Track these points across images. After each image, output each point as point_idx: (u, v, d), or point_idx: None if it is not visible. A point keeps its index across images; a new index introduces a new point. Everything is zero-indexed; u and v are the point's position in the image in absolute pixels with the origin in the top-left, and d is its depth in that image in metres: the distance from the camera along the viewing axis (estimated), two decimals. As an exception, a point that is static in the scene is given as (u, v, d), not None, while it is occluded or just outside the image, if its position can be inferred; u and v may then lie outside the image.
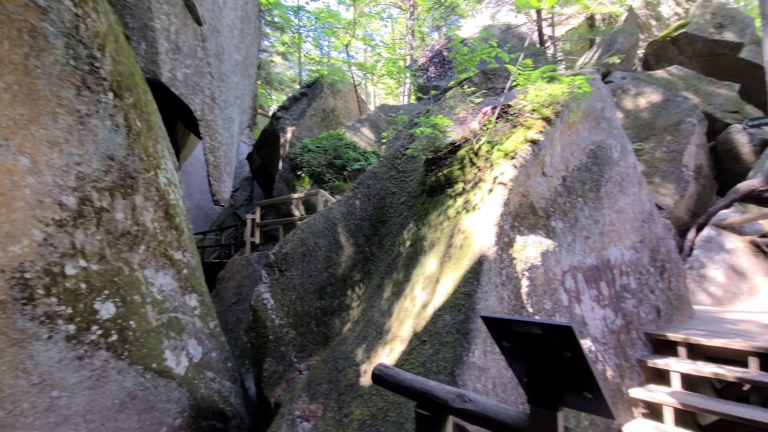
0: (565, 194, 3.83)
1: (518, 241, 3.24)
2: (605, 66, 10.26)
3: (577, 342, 1.48)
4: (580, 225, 3.78)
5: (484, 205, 3.37)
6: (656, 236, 4.68)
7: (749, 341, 3.49)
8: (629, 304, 3.94)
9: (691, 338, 3.70)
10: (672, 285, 4.61)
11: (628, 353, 3.69)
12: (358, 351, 3.71)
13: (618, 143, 4.64)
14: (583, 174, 4.11)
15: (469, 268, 3.02)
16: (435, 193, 4.33)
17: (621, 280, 4.00)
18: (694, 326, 4.25)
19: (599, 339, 3.46)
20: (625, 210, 4.36)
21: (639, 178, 4.75)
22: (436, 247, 3.70)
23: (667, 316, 4.35)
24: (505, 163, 3.54)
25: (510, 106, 4.05)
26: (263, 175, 11.55)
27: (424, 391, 2.12)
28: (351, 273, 4.99)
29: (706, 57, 10.67)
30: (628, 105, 9.39)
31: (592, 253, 3.80)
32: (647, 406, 3.41)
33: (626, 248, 4.23)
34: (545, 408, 1.61)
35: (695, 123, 8.25)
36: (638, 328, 3.92)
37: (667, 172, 7.69)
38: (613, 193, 4.28)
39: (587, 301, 3.54)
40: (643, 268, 4.32)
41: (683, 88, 9.80)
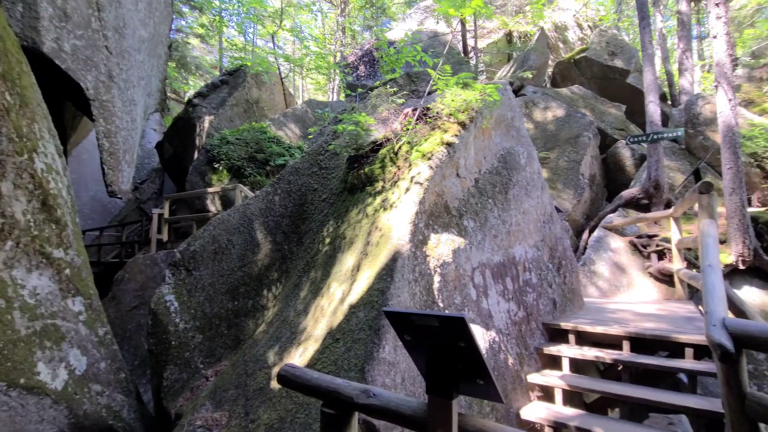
0: (477, 195, 4.05)
1: (432, 239, 3.35)
2: (519, 80, 11.17)
3: (470, 332, 1.55)
4: (489, 224, 4.02)
5: (400, 204, 3.43)
6: (555, 236, 5.17)
7: (623, 327, 4.01)
8: (530, 298, 4.30)
9: (579, 326, 4.15)
10: (567, 280, 5.13)
11: (528, 342, 4.02)
12: (270, 353, 3.55)
13: (525, 150, 5.04)
14: (493, 177, 4.39)
15: (384, 265, 3.05)
16: (356, 191, 4.31)
17: (524, 275, 4.35)
18: (583, 316, 4.77)
19: (503, 330, 3.71)
20: (529, 212, 4.75)
21: (542, 183, 5.21)
22: (354, 245, 3.69)
23: (562, 307, 4.83)
24: (422, 163, 3.63)
25: (429, 108, 4.18)
26: (175, 167, 10.60)
27: (331, 389, 2.08)
28: (268, 272, 4.77)
29: (601, 80, 12.15)
30: (537, 117, 10.31)
31: (500, 251, 4.07)
32: (542, 390, 3.74)
33: (529, 246, 4.61)
34: (441, 396, 1.67)
35: (591, 137, 9.33)
36: (537, 319, 4.29)
37: (568, 179, 8.59)
38: (519, 196, 4.64)
39: (494, 295, 3.78)
40: (543, 265, 4.75)
41: (582, 106, 11.03)
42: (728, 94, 6.31)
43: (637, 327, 4.05)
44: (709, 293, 2.83)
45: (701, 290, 2.87)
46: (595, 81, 12.21)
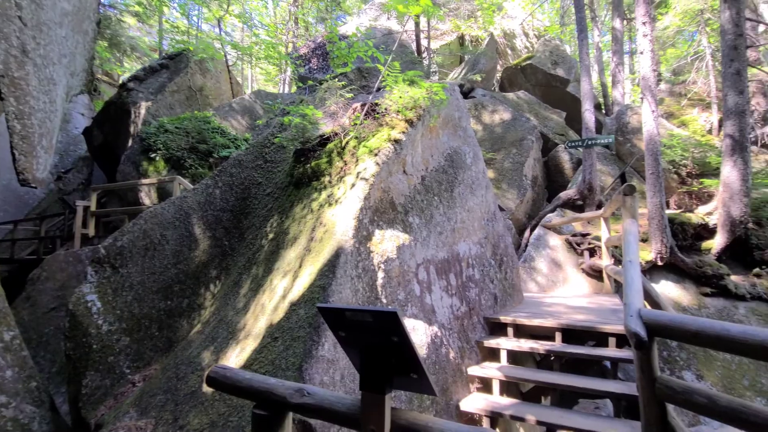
0: (423, 192, 4.10)
1: (377, 235, 3.33)
2: (470, 82, 11.51)
3: (402, 327, 1.54)
4: (435, 221, 4.08)
5: (346, 199, 3.38)
6: (498, 233, 5.37)
7: (557, 320, 4.25)
8: (473, 293, 4.43)
9: (518, 320, 4.34)
10: (508, 276, 5.36)
11: (470, 336, 4.14)
12: (205, 354, 3.35)
13: (471, 150, 5.19)
14: (440, 175, 4.46)
15: (327, 261, 2.98)
16: (302, 186, 4.20)
17: (467, 271, 4.47)
18: (522, 309, 5.01)
19: (446, 325, 3.79)
20: (474, 209, 4.89)
21: (487, 182, 5.39)
22: (298, 241, 3.58)
23: (503, 301, 5.04)
24: (369, 159, 3.60)
25: (378, 104, 4.16)
26: (105, 155, 9.73)
27: (263, 389, 1.99)
28: (206, 269, 4.51)
29: (545, 87, 12.85)
30: (486, 119, 10.68)
31: (444, 248, 4.15)
32: (481, 381, 3.87)
33: (473, 243, 4.74)
34: (374, 391, 1.65)
35: (534, 140, 9.83)
36: (479, 314, 4.44)
37: (512, 180, 8.99)
38: (464, 194, 4.76)
39: (437, 290, 3.84)
40: (486, 261, 4.91)
41: (527, 111, 11.60)
42: (652, 106, 6.91)
43: (568, 319, 4.31)
44: (628, 286, 3.06)
45: (624, 285, 3.09)
46: (539, 88, 12.90)
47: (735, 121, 6.78)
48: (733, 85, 6.85)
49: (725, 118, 7.00)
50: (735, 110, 6.78)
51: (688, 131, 9.23)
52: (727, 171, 6.79)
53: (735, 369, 5.79)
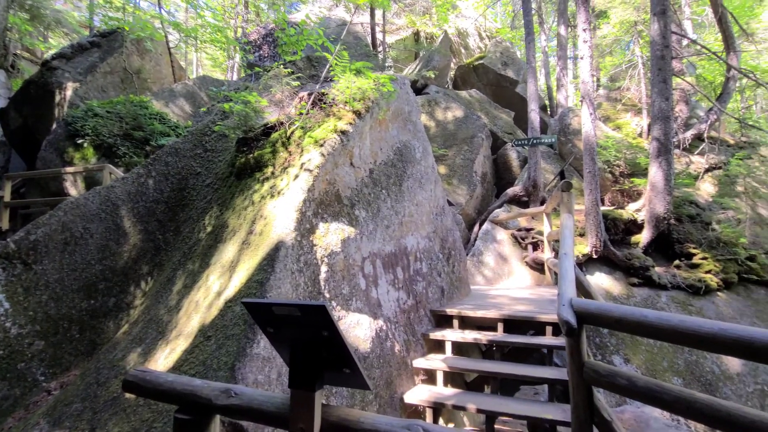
0: (371, 185, 4.05)
1: (320, 228, 3.24)
2: (424, 78, 11.63)
3: (332, 321, 1.47)
4: (382, 215, 4.05)
5: (288, 191, 3.24)
6: (446, 227, 5.46)
7: (499, 311, 4.39)
8: (420, 286, 4.46)
9: (463, 312, 4.43)
10: (455, 269, 5.47)
11: (416, 329, 4.16)
12: (131, 356, 3.09)
13: (421, 145, 5.21)
14: (389, 168, 4.44)
15: (266, 255, 2.84)
16: (243, 176, 3.99)
17: (415, 265, 4.49)
18: (468, 302, 5.13)
19: (391, 318, 3.78)
20: (422, 204, 4.92)
21: (435, 176, 5.45)
22: (237, 234, 3.40)
23: (450, 294, 5.13)
24: (314, 150, 3.49)
25: (325, 94, 4.04)
26: (25, 140, 8.74)
27: (187, 392, 1.85)
28: (137, 265, 4.18)
29: (495, 86, 13.29)
30: (439, 116, 10.85)
31: (392, 241, 4.13)
32: (426, 373, 3.91)
33: (421, 237, 4.78)
34: (303, 389, 1.57)
35: (484, 138, 10.13)
36: (426, 306, 4.48)
37: (462, 176, 9.21)
38: (413, 188, 4.77)
39: (384, 284, 3.82)
40: (434, 255, 4.97)
41: (478, 109, 11.92)
42: (590, 109, 7.34)
43: (510, 310, 4.47)
44: (562, 277, 3.21)
45: (558, 276, 3.23)
46: (490, 87, 13.31)
47: (661, 126, 7.37)
48: (660, 92, 7.44)
49: (653, 122, 7.60)
50: (661, 115, 7.37)
51: (621, 134, 9.94)
52: (654, 171, 7.38)
53: (656, 352, 6.33)
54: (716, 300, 7.23)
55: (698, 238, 7.82)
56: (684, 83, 9.39)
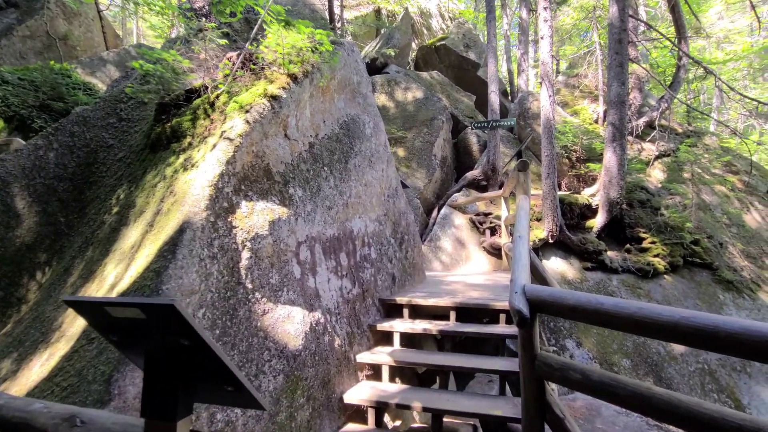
0: (311, 161, 3.60)
1: (243, 207, 2.77)
2: (384, 57, 11.14)
3: (189, 324, 1.05)
4: (323, 194, 3.62)
5: (203, 163, 2.74)
6: (399, 211, 5.11)
7: (452, 299, 4.12)
8: (368, 274, 4.10)
9: (414, 300, 4.12)
10: (408, 255, 5.15)
11: (362, 320, 3.81)
12: (4, 364, 2.52)
13: (372, 120, 4.79)
14: (333, 144, 3.99)
15: (168, 239, 2.35)
16: (159, 149, 3.42)
17: (362, 250, 4.12)
18: (421, 289, 4.84)
19: (332, 310, 3.39)
20: (372, 184, 4.53)
21: (388, 156, 5.07)
22: (144, 215, 2.86)
23: (402, 282, 4.82)
24: (237, 117, 2.99)
25: (255, 54, 3.51)
26: None
27: (19, 419, 1.38)
28: (32, 253, 3.53)
29: (457, 69, 13.01)
30: (399, 96, 10.43)
31: (335, 224, 3.72)
32: (372, 368, 3.58)
33: (371, 220, 4.40)
34: (159, 419, 1.15)
35: (444, 121, 9.84)
36: (374, 295, 4.13)
37: (421, 159, 8.90)
38: (362, 167, 4.36)
39: (324, 272, 3.42)
40: (384, 240, 4.62)
41: (439, 91, 11.61)
42: (549, 90, 7.18)
43: (464, 297, 4.21)
44: (516, 262, 2.94)
45: (513, 259, 2.96)
46: (451, 69, 13.02)
47: (617, 111, 7.35)
48: (616, 77, 7.40)
49: (608, 107, 7.58)
50: (617, 100, 7.35)
51: (579, 120, 9.97)
52: (609, 156, 7.38)
53: (607, 335, 6.37)
54: (663, 282, 7.42)
55: (648, 223, 7.98)
56: (639, 69, 9.50)
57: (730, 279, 7.48)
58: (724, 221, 8.81)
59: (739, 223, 8.86)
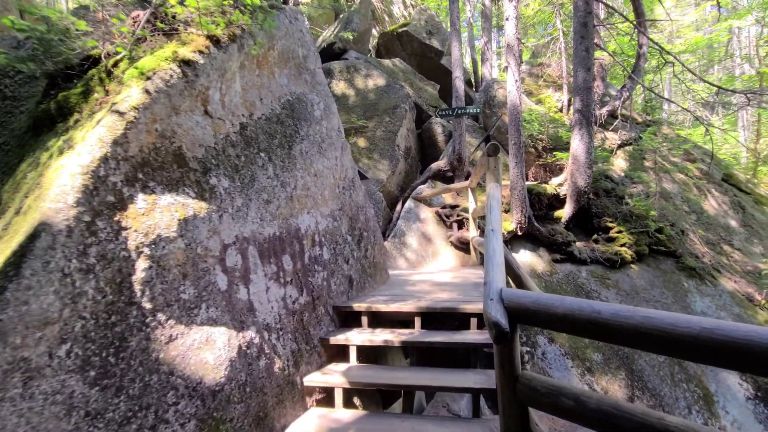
0: (242, 146, 2.96)
1: (139, 202, 2.11)
2: (343, 41, 10.48)
3: None
4: (259, 185, 3.00)
5: (81, 145, 2.05)
6: (357, 205, 4.55)
7: (417, 302, 3.63)
8: (319, 278, 3.52)
9: (374, 306, 3.59)
10: (368, 253, 4.61)
11: (312, 333, 3.23)
12: None
13: (322, 101, 4.18)
14: (273, 126, 3.36)
15: (18, 248, 1.67)
16: (43, 130, 2.67)
17: (313, 251, 3.53)
18: (383, 292, 4.32)
19: (272, 325, 2.79)
20: (324, 174, 3.94)
21: (343, 143, 4.48)
22: (6, 215, 2.14)
23: (361, 284, 4.27)
24: (135, 85, 2.31)
25: (164, 11, 2.81)
26: None
27: None
28: None
29: (420, 57, 12.55)
30: (359, 84, 9.82)
31: (275, 221, 3.11)
32: (323, 391, 3.02)
33: (323, 216, 3.81)
34: None
35: (407, 109, 9.34)
36: (327, 303, 3.56)
37: (384, 149, 8.37)
38: (310, 154, 3.76)
39: (261, 280, 2.80)
40: (340, 238, 4.05)
41: (402, 79, 11.10)
42: (516, 74, 6.83)
43: (430, 300, 3.73)
44: (489, 260, 2.47)
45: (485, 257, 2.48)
46: (414, 58, 12.54)
47: (583, 97, 7.12)
48: (582, 62, 7.16)
49: (575, 93, 7.35)
50: (583, 86, 7.12)
51: (544, 108, 9.78)
52: (576, 144, 7.15)
53: (579, 330, 6.11)
54: (630, 272, 7.32)
55: (614, 212, 7.87)
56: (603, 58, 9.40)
57: (693, 266, 7.48)
58: (684, 209, 8.89)
59: (698, 210, 8.98)
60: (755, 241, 8.91)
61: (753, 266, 8.23)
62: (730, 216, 9.18)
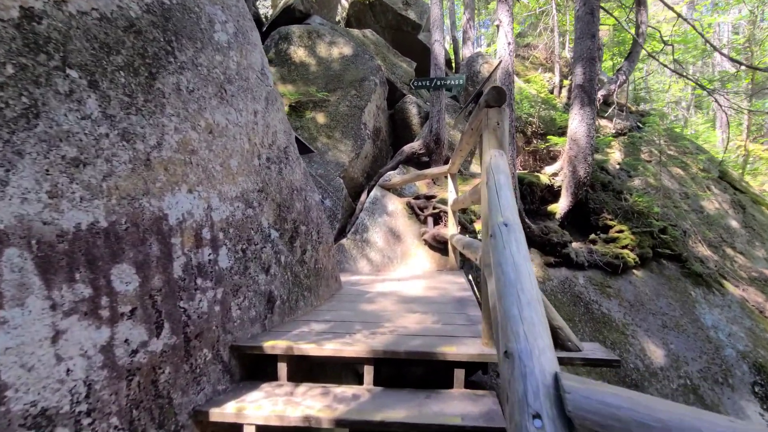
0: (18, 46, 1.47)
1: None
2: (305, 4, 8.93)
3: None
4: (55, 131, 1.52)
5: None
6: (291, 186, 3.12)
7: (370, 337, 2.26)
8: (205, 301, 2.08)
9: (299, 345, 2.19)
10: (307, 256, 3.20)
11: (177, 402, 1.80)
12: None
13: (232, 22, 2.71)
14: (116, 33, 1.88)
15: None
16: None
17: (196, 255, 2.08)
18: (323, 315, 2.93)
19: (63, 409, 1.35)
20: (229, 133, 2.49)
21: (270, 93, 3.04)
22: None
23: (291, 304, 2.86)
24: None
25: None
26: None
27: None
28: None
29: (395, 30, 11.17)
30: (322, 52, 8.33)
31: (98, 202, 1.64)
32: None
33: (224, 199, 2.36)
34: None
35: (378, 83, 7.94)
36: (220, 341, 2.13)
37: (347, 127, 6.94)
38: (199, 96, 2.30)
39: (38, 318, 1.34)
40: (257, 234, 2.61)
41: (374, 53, 9.67)
42: (508, 34, 5.57)
43: (392, 332, 2.37)
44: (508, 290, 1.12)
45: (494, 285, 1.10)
46: (389, 31, 11.14)
47: (586, 69, 5.94)
48: (585, 28, 5.98)
49: (575, 65, 6.17)
50: (587, 56, 5.94)
51: (534, 89, 8.61)
52: (575, 125, 5.97)
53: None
54: (632, 279, 6.25)
55: (613, 208, 6.77)
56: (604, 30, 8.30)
57: (700, 272, 6.49)
58: (684, 207, 7.95)
59: (698, 208, 8.08)
60: (757, 244, 8.09)
61: (758, 272, 7.38)
62: (731, 216, 8.33)
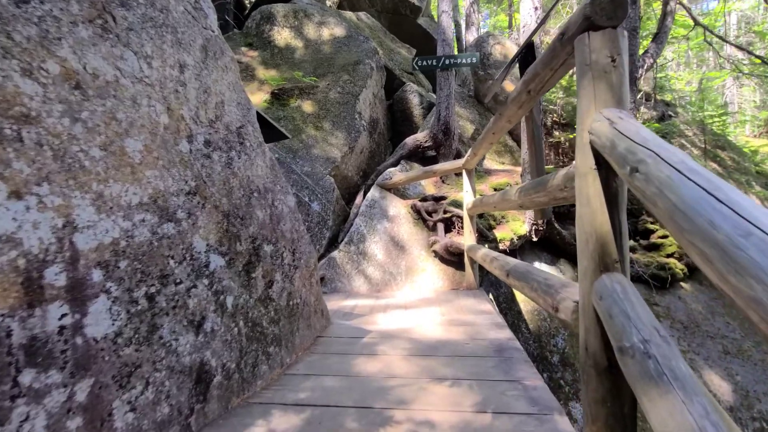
0: None
1: None
2: (290, -20, 7.89)
3: None
4: None
5: None
6: (248, 185, 2.07)
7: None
8: (39, 418, 1.02)
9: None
10: (274, 290, 2.14)
11: None
12: None
13: None
14: None
15: None
16: None
17: (27, 323, 1.02)
18: (297, 386, 1.88)
19: None
20: (117, 90, 1.44)
21: (211, 42, 1.98)
22: None
23: (244, 374, 1.80)
24: None
25: None
26: None
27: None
28: None
29: (392, 15, 10.16)
30: (310, 33, 7.28)
31: None
32: None
33: (106, 208, 1.31)
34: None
35: (374, 67, 6.90)
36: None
37: (339, 117, 5.89)
38: (38, 6, 1.24)
39: None
40: (178, 265, 1.56)
41: (369, 37, 8.63)
42: (535, 1, 4.55)
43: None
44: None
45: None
46: (385, 15, 10.12)
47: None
48: (621, -7, 4.97)
49: (610, 39, 5.16)
50: (627, 26, 4.94)
51: (550, 74, 7.60)
52: (612, 111, 4.95)
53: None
54: (681, 294, 5.25)
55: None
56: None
57: (756, 283, 5.47)
58: (724, 206, 6.97)
59: (740, 208, 7.10)
60: (807, 248, 7.15)
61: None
62: (776, 216, 7.37)
